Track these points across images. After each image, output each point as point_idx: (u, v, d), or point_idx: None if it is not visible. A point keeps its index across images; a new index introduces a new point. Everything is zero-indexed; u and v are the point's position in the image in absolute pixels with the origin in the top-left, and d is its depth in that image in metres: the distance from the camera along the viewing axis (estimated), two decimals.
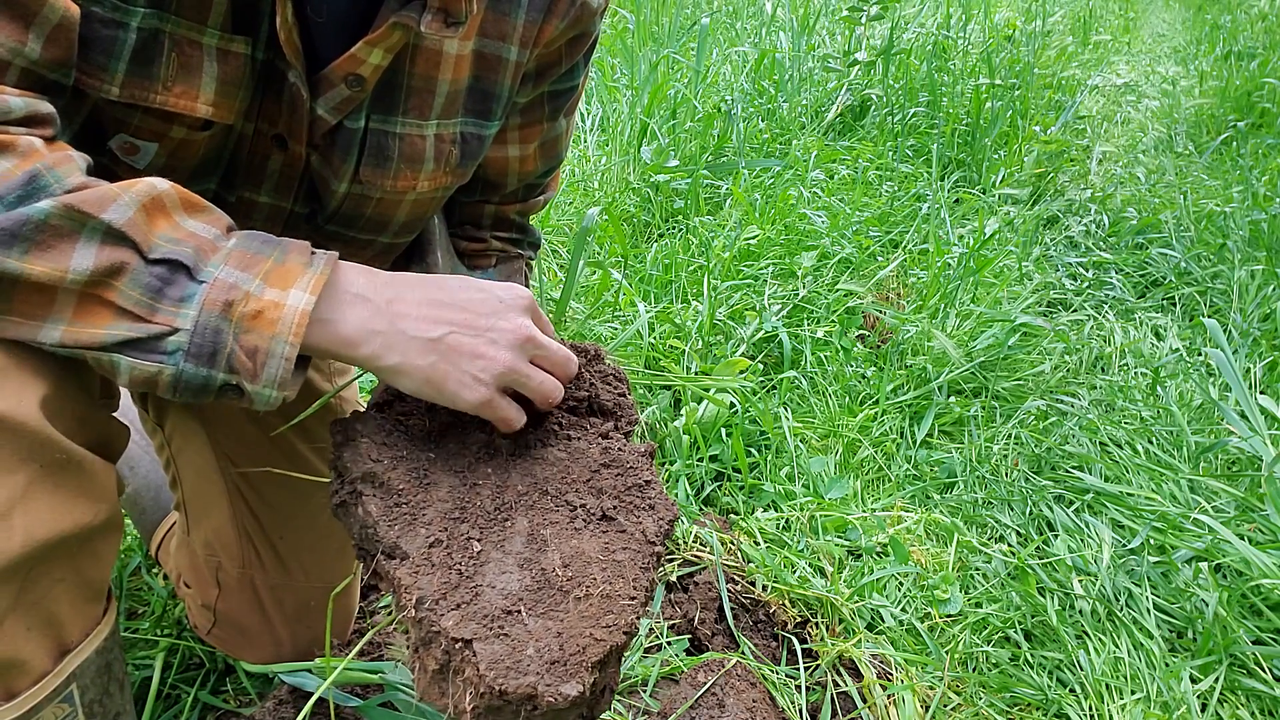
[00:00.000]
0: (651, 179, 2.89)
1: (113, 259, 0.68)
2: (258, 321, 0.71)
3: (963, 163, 3.52)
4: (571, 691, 0.69)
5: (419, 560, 0.76)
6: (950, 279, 2.49)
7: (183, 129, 0.84)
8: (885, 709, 1.34)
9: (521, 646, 0.71)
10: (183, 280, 0.70)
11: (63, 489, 0.72)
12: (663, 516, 0.84)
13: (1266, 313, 2.49)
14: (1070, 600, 1.53)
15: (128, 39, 0.77)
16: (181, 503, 1.26)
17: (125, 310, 0.69)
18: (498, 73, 0.97)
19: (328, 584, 1.27)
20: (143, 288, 0.69)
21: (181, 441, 1.22)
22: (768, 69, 3.78)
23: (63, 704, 0.77)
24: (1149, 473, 1.85)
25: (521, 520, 0.82)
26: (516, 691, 0.68)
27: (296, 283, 0.73)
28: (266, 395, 0.73)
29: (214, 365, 0.71)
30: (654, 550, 0.82)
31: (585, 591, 0.76)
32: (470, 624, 0.72)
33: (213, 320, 0.70)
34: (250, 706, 1.26)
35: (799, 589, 1.51)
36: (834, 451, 1.90)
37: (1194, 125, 4.37)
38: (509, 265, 1.20)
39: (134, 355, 0.69)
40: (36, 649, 0.74)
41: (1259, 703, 1.35)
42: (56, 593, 0.75)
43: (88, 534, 0.75)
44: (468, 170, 1.03)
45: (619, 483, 0.87)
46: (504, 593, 0.75)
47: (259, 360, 0.72)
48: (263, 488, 1.20)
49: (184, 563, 1.29)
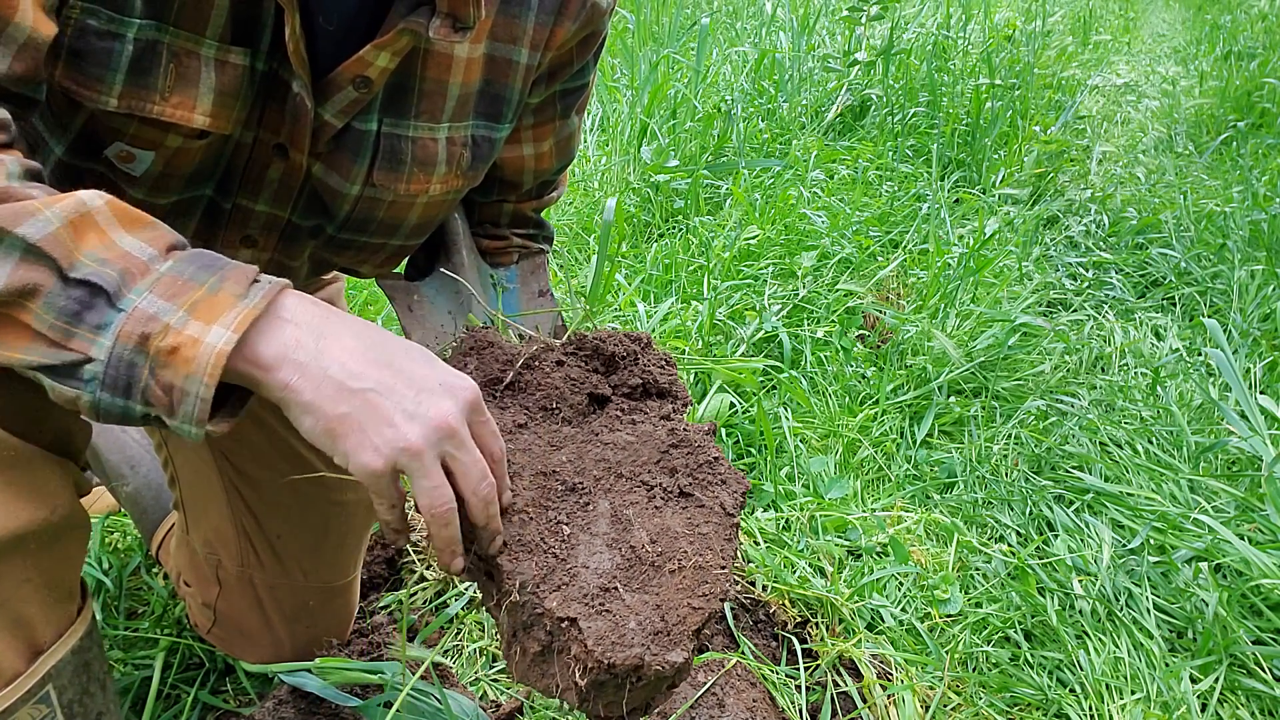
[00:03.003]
0: (651, 179, 2.89)
1: (26, 279, 0.65)
2: (173, 358, 0.67)
3: (963, 163, 3.52)
4: (678, 659, 0.72)
5: (514, 547, 0.79)
6: (950, 279, 2.49)
7: (179, 137, 0.84)
8: (885, 709, 1.34)
9: (624, 621, 0.74)
10: (101, 306, 0.66)
11: (13, 486, 0.72)
12: (736, 489, 0.88)
13: (1266, 313, 2.49)
14: (1070, 600, 1.53)
15: (124, 50, 0.77)
16: (180, 501, 1.26)
17: (40, 334, 0.66)
18: (508, 76, 0.98)
19: (326, 584, 1.27)
20: (58, 311, 0.66)
21: (178, 440, 1.21)
22: (768, 69, 3.78)
23: (39, 705, 0.77)
24: (1149, 473, 1.85)
25: (603, 503, 0.85)
26: (624, 664, 0.71)
27: (221, 318, 0.68)
28: (186, 430, 0.69)
29: (129, 397, 0.68)
30: (733, 521, 0.85)
31: (677, 565, 0.79)
32: (573, 604, 0.74)
33: (127, 353, 0.67)
34: (250, 706, 1.27)
35: (799, 589, 1.51)
36: (834, 451, 1.90)
37: (1194, 125, 4.37)
38: (531, 261, 1.22)
39: (52, 379, 0.67)
40: (6, 650, 0.74)
41: (1259, 703, 1.35)
42: (24, 593, 0.75)
43: (47, 531, 0.75)
44: (479, 173, 1.03)
45: (689, 461, 0.89)
46: (599, 572, 0.78)
47: (175, 397, 0.68)
48: (260, 486, 1.20)
49: (184, 561, 1.29)
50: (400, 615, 1.45)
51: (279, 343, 0.71)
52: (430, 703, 1.18)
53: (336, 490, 1.22)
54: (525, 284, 1.20)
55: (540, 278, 1.21)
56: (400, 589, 1.51)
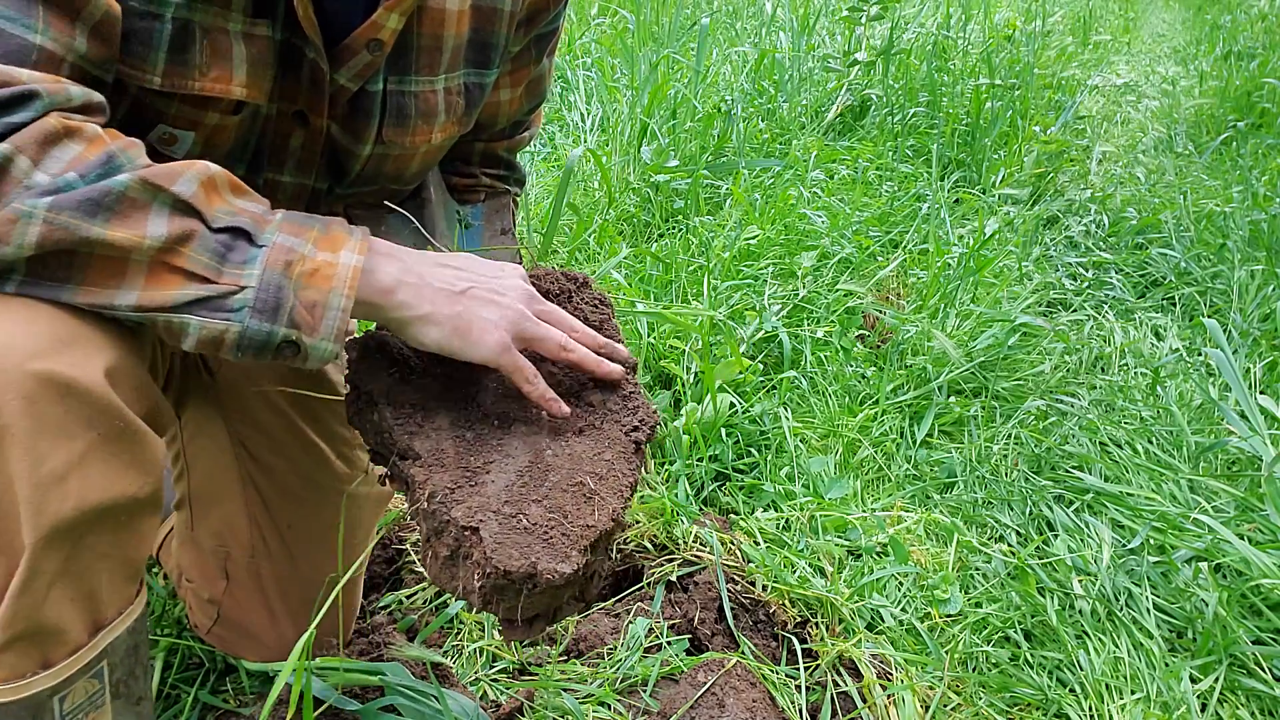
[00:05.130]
0: (651, 179, 2.89)
1: (183, 227, 0.75)
2: (315, 278, 0.78)
3: (963, 163, 3.52)
4: (567, 569, 0.79)
5: (430, 461, 0.86)
6: (950, 279, 2.49)
7: (216, 114, 0.89)
8: (885, 709, 1.34)
9: (523, 533, 0.81)
10: (244, 245, 0.77)
11: (117, 458, 0.75)
12: (644, 421, 0.96)
13: (1266, 313, 2.49)
14: (1070, 600, 1.53)
15: (164, 29, 0.82)
16: (187, 497, 1.26)
17: (194, 274, 0.75)
18: (494, 23, 1.04)
19: (332, 580, 1.28)
20: (210, 252, 0.75)
21: (195, 429, 1.23)
22: (768, 69, 3.78)
23: (93, 679, 0.79)
24: (1149, 473, 1.85)
25: (520, 427, 0.92)
26: (519, 571, 0.78)
27: (344, 247, 0.80)
28: (323, 349, 0.79)
29: (276, 320, 0.77)
30: (638, 450, 0.94)
31: (578, 486, 0.87)
32: (477, 514, 0.82)
33: (275, 277, 0.77)
34: (250, 706, 1.26)
35: (799, 589, 1.51)
36: (834, 451, 1.90)
37: (1194, 125, 4.37)
38: (497, 200, 1.28)
39: (203, 314, 0.75)
40: (75, 621, 0.76)
41: (1259, 703, 1.35)
42: (99, 567, 0.77)
43: (134, 506, 0.77)
44: (472, 117, 1.09)
45: (606, 396, 0.98)
46: (506, 488, 0.85)
47: (317, 314, 0.78)
48: (274, 474, 1.22)
49: (188, 559, 1.29)
50: (400, 615, 1.45)
51: (391, 273, 0.83)
52: (430, 703, 1.18)
53: (348, 482, 1.25)
54: (489, 222, 1.27)
55: (504, 217, 1.28)
56: (400, 589, 1.51)
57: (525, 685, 1.31)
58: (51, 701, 0.76)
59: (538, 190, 2.82)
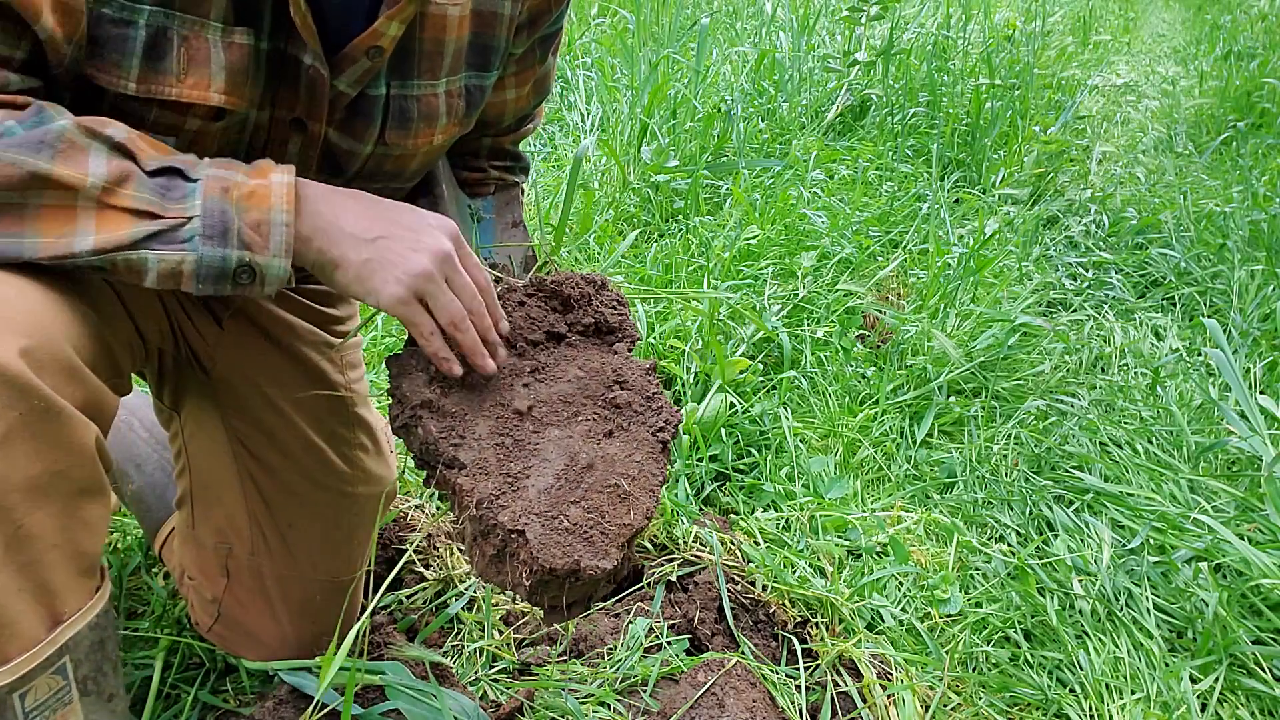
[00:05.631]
0: (651, 179, 2.89)
1: (121, 168, 0.78)
2: (253, 199, 0.82)
3: (963, 163, 3.52)
4: (608, 565, 0.88)
5: (474, 470, 0.93)
6: (950, 279, 2.49)
7: (197, 120, 0.89)
8: (885, 709, 1.34)
9: (564, 533, 0.89)
10: (180, 183, 0.81)
11: (39, 438, 0.74)
12: (669, 421, 1.02)
13: (1266, 313, 2.49)
14: (1070, 600, 1.53)
15: (138, 36, 0.82)
16: (188, 494, 1.27)
17: (140, 211, 0.78)
18: (495, 28, 1.05)
19: (333, 577, 1.28)
20: (150, 189, 0.79)
21: (195, 427, 1.24)
22: (768, 69, 3.78)
23: (55, 675, 0.78)
24: (1149, 473, 1.85)
25: (554, 431, 0.99)
26: (564, 568, 0.86)
27: (273, 171, 0.85)
28: (277, 266, 0.83)
29: (227, 243, 0.80)
30: (664, 450, 1.01)
31: (613, 486, 0.94)
32: (521, 518, 0.89)
33: (216, 203, 0.80)
34: (250, 706, 1.26)
35: (799, 589, 1.51)
36: (834, 451, 1.90)
37: (1194, 125, 4.37)
38: (507, 193, 1.31)
39: (157, 248, 0.79)
40: (28, 614, 0.75)
41: (1259, 703, 1.35)
42: (50, 558, 0.76)
43: (68, 488, 0.77)
44: (473, 118, 1.11)
45: (631, 396, 1.03)
46: (545, 490, 0.92)
47: (264, 231, 0.82)
48: (274, 473, 1.22)
49: (189, 557, 1.29)
50: (400, 615, 1.45)
51: (307, 219, 0.86)
52: (430, 703, 1.18)
53: (349, 482, 1.25)
54: (500, 215, 1.30)
55: (514, 209, 1.31)
56: (400, 589, 1.51)
57: (525, 685, 1.31)
58: (11, 698, 0.75)
59: (538, 190, 2.82)
